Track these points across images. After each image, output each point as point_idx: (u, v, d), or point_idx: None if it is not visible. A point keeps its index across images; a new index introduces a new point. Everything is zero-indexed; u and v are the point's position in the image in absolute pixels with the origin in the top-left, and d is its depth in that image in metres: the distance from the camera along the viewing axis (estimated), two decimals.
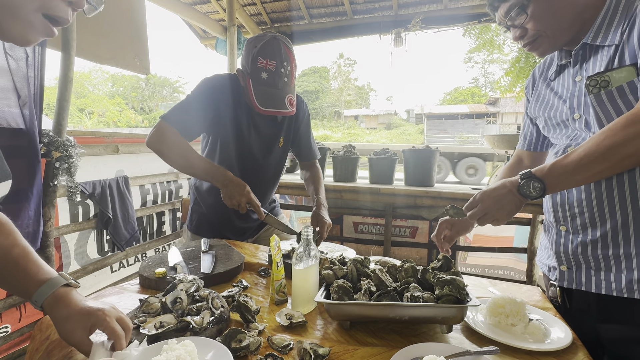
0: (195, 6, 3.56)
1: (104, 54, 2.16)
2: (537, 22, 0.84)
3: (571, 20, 0.83)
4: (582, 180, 0.74)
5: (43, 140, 1.67)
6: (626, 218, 0.76)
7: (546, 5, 0.82)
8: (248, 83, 1.28)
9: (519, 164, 1.19)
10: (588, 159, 0.70)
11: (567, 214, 0.86)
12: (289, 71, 1.28)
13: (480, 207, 0.83)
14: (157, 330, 0.73)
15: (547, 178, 0.75)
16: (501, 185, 0.82)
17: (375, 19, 3.39)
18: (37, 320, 1.27)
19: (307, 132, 1.61)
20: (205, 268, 1.09)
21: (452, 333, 0.83)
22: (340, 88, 37.90)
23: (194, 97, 1.33)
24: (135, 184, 2.39)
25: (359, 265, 0.98)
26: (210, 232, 1.49)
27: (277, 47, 1.25)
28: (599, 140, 0.70)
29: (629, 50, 0.75)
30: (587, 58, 0.84)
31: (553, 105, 0.94)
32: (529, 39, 0.88)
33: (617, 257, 0.77)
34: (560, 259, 0.87)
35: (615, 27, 0.78)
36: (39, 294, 0.63)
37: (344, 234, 3.28)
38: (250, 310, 0.83)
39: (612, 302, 0.79)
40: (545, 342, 0.79)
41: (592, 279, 0.81)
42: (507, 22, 0.89)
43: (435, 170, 2.92)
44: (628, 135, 0.67)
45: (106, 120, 24.70)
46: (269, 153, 1.48)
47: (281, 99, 1.28)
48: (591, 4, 0.82)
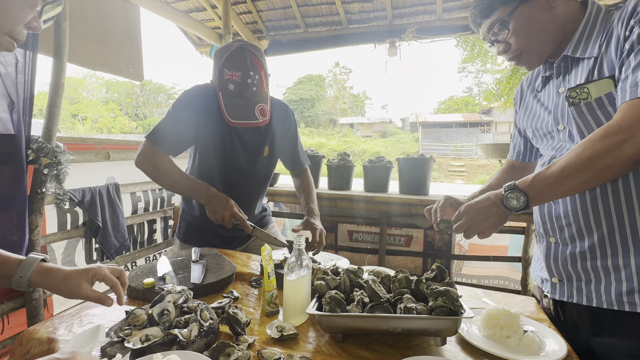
0: (191, 14, 3.57)
1: (97, 60, 2.14)
2: (519, 38, 0.85)
3: (553, 34, 0.84)
4: (565, 191, 0.75)
5: (32, 147, 1.64)
6: (612, 229, 0.76)
7: (526, 21, 0.83)
8: (218, 95, 1.27)
9: (512, 170, 1.21)
10: (569, 170, 0.71)
11: (555, 225, 0.86)
12: (257, 80, 1.26)
13: (465, 220, 0.83)
14: (143, 344, 0.70)
15: (530, 190, 0.76)
16: (485, 198, 0.82)
17: (370, 29, 3.43)
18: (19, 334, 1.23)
19: (294, 140, 1.59)
20: (195, 278, 1.07)
21: (447, 345, 0.81)
22: (335, 96, 38.17)
23: (175, 111, 1.32)
24: (127, 191, 2.35)
25: (352, 275, 0.97)
26: (198, 241, 1.47)
27: (242, 57, 1.23)
28: (578, 152, 0.71)
29: (607, 63, 0.76)
30: (568, 70, 0.85)
31: (540, 116, 0.95)
32: (513, 53, 0.89)
33: (606, 269, 0.77)
34: (552, 271, 0.87)
35: (595, 40, 0.79)
36: (23, 270, 0.70)
37: (338, 242, 3.26)
38: (240, 322, 0.81)
39: (603, 315, 0.79)
40: (540, 355, 0.78)
41: (582, 291, 0.81)
42: (491, 38, 0.90)
43: (430, 178, 2.93)
44: (606, 146, 0.67)
45: (99, 126, 24.52)
46: (253, 163, 1.46)
47: (250, 110, 1.26)
48: (572, 17, 0.83)
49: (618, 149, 0.66)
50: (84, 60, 2.06)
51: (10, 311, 1.64)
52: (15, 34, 0.56)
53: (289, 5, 3.39)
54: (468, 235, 0.84)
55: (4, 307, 1.61)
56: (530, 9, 0.82)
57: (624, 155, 0.66)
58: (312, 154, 3.14)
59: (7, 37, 0.56)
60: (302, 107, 34.52)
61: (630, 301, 0.73)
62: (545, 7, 0.82)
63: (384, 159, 3.08)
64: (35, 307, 1.69)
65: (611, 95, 0.75)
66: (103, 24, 2.19)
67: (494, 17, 0.86)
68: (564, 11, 0.83)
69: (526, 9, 0.83)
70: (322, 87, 38.18)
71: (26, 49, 1.60)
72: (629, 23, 0.71)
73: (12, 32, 0.55)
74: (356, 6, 3.31)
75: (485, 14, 0.88)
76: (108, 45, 2.22)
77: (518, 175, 1.19)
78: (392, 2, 3.19)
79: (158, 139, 1.29)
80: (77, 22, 2.00)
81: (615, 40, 0.74)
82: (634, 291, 0.73)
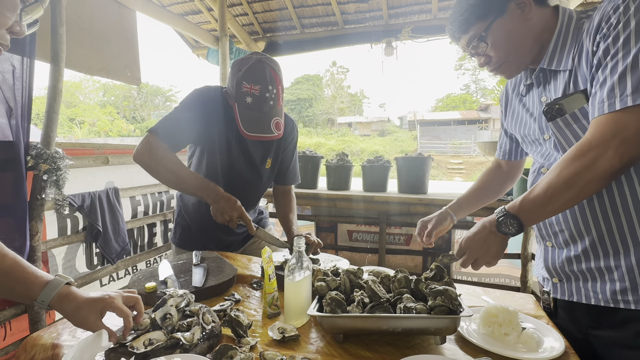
0: (187, 17, 3.58)
1: (94, 65, 2.15)
2: (498, 50, 0.87)
3: (530, 44, 0.86)
4: (554, 210, 0.77)
5: (31, 153, 1.64)
6: (601, 234, 0.78)
7: (504, 33, 0.85)
8: (234, 106, 1.26)
9: (498, 169, 1.24)
10: (553, 190, 0.73)
11: (550, 231, 0.89)
12: (275, 94, 1.25)
13: (469, 255, 0.85)
14: (146, 348, 0.71)
15: (521, 214, 0.78)
16: (481, 227, 0.84)
17: (366, 29, 3.44)
18: (23, 339, 1.24)
19: (292, 154, 1.57)
20: (196, 281, 1.07)
21: (446, 344, 0.82)
22: (333, 96, 38.18)
23: (184, 107, 1.30)
24: (126, 195, 2.36)
25: (352, 276, 0.98)
26: (194, 245, 1.46)
27: (261, 70, 1.22)
28: (557, 172, 0.73)
29: (581, 76, 0.78)
30: (547, 80, 0.87)
31: (526, 123, 0.97)
32: (494, 65, 0.91)
33: (600, 270, 0.79)
34: (551, 272, 0.90)
35: (567, 52, 0.81)
36: (45, 295, 0.71)
37: (338, 242, 3.27)
38: (241, 324, 0.82)
39: (600, 311, 0.81)
40: (539, 351, 0.79)
41: (581, 290, 0.84)
42: (471, 51, 0.91)
43: (428, 177, 2.94)
44: (582, 164, 0.70)
45: (97, 129, 24.47)
46: (255, 173, 1.45)
47: (266, 124, 1.25)
48: (547, 25, 0.85)
49: (593, 166, 0.69)
50: (81, 65, 2.06)
51: (12, 317, 1.64)
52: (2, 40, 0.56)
53: (285, 6, 3.40)
54: (476, 267, 0.86)
55: (6, 314, 1.61)
56: (506, 22, 0.84)
57: (599, 171, 0.69)
58: (310, 155, 3.15)
59: None
60: (299, 107, 34.51)
61: (624, 299, 0.76)
62: (520, 19, 0.84)
63: (382, 158, 3.09)
64: (38, 313, 1.69)
65: (584, 110, 0.78)
66: (100, 29, 2.19)
67: (471, 32, 0.88)
68: (538, 20, 0.85)
69: (502, 23, 0.84)
70: (320, 86, 38.17)
71: (23, 55, 1.60)
72: (595, 38, 0.73)
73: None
74: (352, 6, 3.32)
75: (463, 30, 0.89)
76: (105, 50, 2.22)
77: (504, 174, 1.22)
78: (387, 2, 3.20)
79: (161, 132, 1.24)
80: (73, 27, 2.00)
81: (585, 54, 0.76)
82: (626, 290, 0.75)
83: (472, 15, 0.86)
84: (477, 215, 2.75)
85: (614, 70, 0.69)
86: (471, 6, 0.86)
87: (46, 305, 0.71)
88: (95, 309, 0.72)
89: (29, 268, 0.73)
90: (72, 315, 0.71)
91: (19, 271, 0.71)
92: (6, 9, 0.54)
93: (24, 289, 0.71)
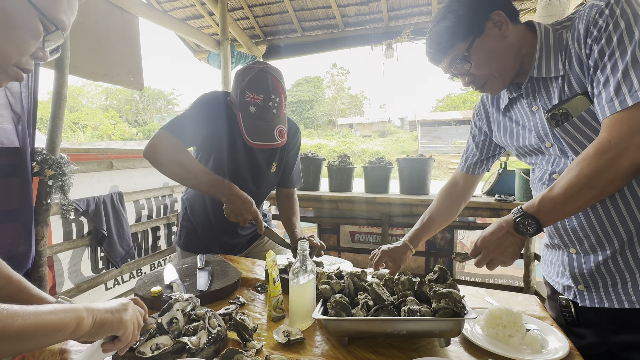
0: (188, 21, 3.60)
1: (98, 71, 2.17)
2: (482, 68, 0.88)
3: (512, 60, 0.88)
4: (574, 210, 0.76)
5: (36, 159, 1.66)
6: (630, 234, 0.77)
7: (485, 52, 0.86)
8: (238, 115, 1.28)
9: (454, 188, 1.24)
10: (573, 190, 0.72)
11: (573, 237, 0.87)
12: (278, 103, 1.27)
13: (484, 255, 0.85)
14: (153, 353, 0.72)
15: (539, 214, 0.77)
16: (498, 228, 0.83)
17: (367, 31, 3.45)
18: None
19: (295, 157, 1.59)
20: (201, 285, 1.08)
21: (451, 346, 0.83)
22: (334, 97, 38.22)
23: (192, 111, 1.33)
24: (130, 200, 2.38)
25: (355, 279, 0.98)
26: (199, 248, 1.47)
27: (264, 80, 1.24)
28: (577, 171, 0.72)
29: (575, 80, 0.79)
30: (537, 89, 0.88)
31: (519, 134, 0.97)
32: (479, 83, 0.92)
33: (631, 270, 0.78)
34: (577, 280, 0.88)
35: (555, 59, 0.83)
36: None
37: (340, 243, 3.27)
38: (247, 328, 0.82)
39: (624, 314, 0.80)
40: (543, 353, 0.79)
41: (611, 294, 0.81)
42: (454, 72, 0.92)
43: (430, 178, 2.94)
44: (603, 162, 0.69)
45: (100, 133, 24.60)
46: (261, 178, 1.46)
47: (270, 132, 1.27)
48: (524, 41, 0.87)
49: (615, 164, 0.68)
50: (84, 71, 2.08)
51: None
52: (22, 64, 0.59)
53: (286, 10, 3.42)
54: (491, 268, 0.86)
55: None
56: (486, 40, 0.86)
57: (622, 169, 0.68)
58: (312, 157, 3.16)
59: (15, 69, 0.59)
60: (300, 109, 34.57)
61: None
62: (499, 36, 0.86)
63: (383, 159, 3.10)
64: None
65: (591, 111, 0.78)
66: (102, 35, 2.22)
67: (452, 53, 0.89)
68: (516, 37, 0.86)
69: (482, 42, 0.86)
70: (321, 88, 38.23)
71: None
72: (586, 42, 0.75)
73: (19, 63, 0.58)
74: (352, 9, 3.34)
75: (444, 52, 0.90)
76: (108, 56, 2.24)
77: (459, 194, 1.23)
78: (387, 4, 3.21)
79: (176, 130, 1.24)
80: (76, 34, 2.03)
81: (577, 58, 0.78)
82: None
83: (452, 37, 0.87)
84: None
85: (614, 69, 0.70)
86: (450, 28, 0.87)
87: None
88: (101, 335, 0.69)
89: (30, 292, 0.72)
90: None
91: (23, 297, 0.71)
92: (30, 37, 0.57)
93: None
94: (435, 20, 0.91)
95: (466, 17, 0.85)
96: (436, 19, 0.90)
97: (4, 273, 0.71)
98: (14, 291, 0.70)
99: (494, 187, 2.82)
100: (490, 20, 0.85)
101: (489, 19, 0.85)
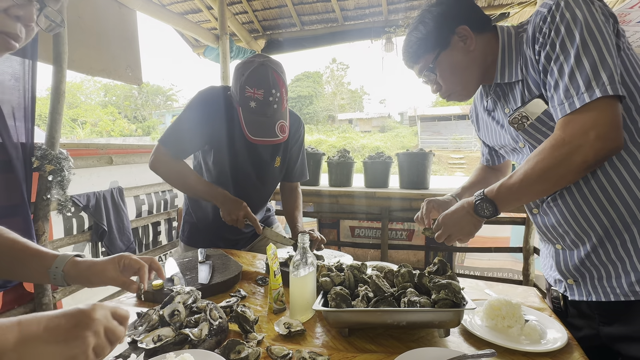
0: (187, 16, 3.58)
1: (96, 66, 2.16)
2: (446, 81, 0.95)
3: (475, 72, 0.93)
4: (528, 199, 0.83)
5: (36, 154, 1.66)
6: (605, 228, 0.79)
7: (449, 66, 0.92)
8: (238, 110, 1.27)
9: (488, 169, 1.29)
10: (528, 181, 0.78)
11: (555, 234, 0.89)
12: (279, 97, 1.25)
13: (444, 230, 0.92)
14: (156, 344, 0.73)
15: (497, 199, 0.83)
16: (460, 207, 0.90)
17: (366, 25, 3.43)
18: None
19: (299, 151, 1.58)
20: (202, 278, 1.09)
21: (450, 337, 0.83)
22: (333, 92, 38.07)
23: (189, 113, 1.33)
24: (130, 195, 2.38)
25: (356, 271, 0.99)
26: (202, 243, 1.47)
27: (264, 74, 1.21)
28: (533, 163, 0.77)
29: (533, 83, 0.83)
30: (505, 93, 0.92)
31: (500, 135, 1.01)
32: (444, 93, 0.98)
33: (613, 262, 0.79)
34: (565, 275, 0.90)
35: (515, 64, 0.87)
36: (59, 262, 0.73)
37: (341, 238, 3.28)
38: (248, 320, 0.83)
39: (614, 306, 0.81)
40: (542, 343, 0.80)
41: (597, 288, 0.83)
42: (423, 79, 0.99)
43: (429, 172, 2.94)
44: (557, 157, 0.73)
45: (99, 129, 24.53)
46: (265, 172, 1.46)
47: (271, 127, 1.26)
48: (489, 49, 0.91)
49: (568, 160, 0.72)
50: (82, 66, 2.08)
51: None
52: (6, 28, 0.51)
53: (285, 4, 3.39)
54: (449, 242, 0.93)
55: (15, 313, 1.64)
56: (450, 54, 0.91)
57: (574, 165, 0.72)
58: (312, 152, 3.15)
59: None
60: (300, 104, 34.45)
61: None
62: (463, 50, 0.90)
63: (383, 154, 3.09)
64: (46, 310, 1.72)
65: (547, 112, 0.81)
66: (100, 30, 2.20)
67: (420, 63, 0.95)
68: (481, 48, 0.90)
69: (447, 55, 0.91)
70: (320, 83, 38.06)
71: (25, 57, 1.62)
72: (534, 48, 0.79)
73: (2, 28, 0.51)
74: (351, 3, 3.32)
75: (413, 60, 0.97)
76: (106, 51, 2.23)
77: (494, 173, 1.28)
78: None
79: (169, 142, 1.32)
80: (74, 28, 2.01)
81: (530, 62, 0.82)
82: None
83: (420, 48, 0.93)
84: None
85: (561, 72, 0.74)
86: (419, 40, 0.93)
87: (60, 271, 0.72)
88: (112, 262, 0.75)
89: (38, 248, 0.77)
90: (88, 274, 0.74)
91: (32, 246, 0.75)
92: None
93: (36, 264, 0.73)
94: (409, 29, 0.96)
95: (434, 30, 0.91)
96: (410, 27, 0.96)
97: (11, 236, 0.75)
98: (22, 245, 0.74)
99: None
100: (455, 34, 0.90)
101: (454, 33, 0.90)
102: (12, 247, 0.74)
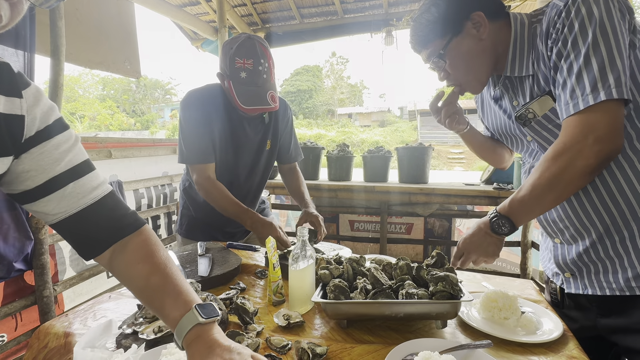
0: (185, 8, 3.54)
1: (94, 59, 2.14)
2: (455, 70, 0.90)
3: (487, 61, 0.88)
4: (542, 209, 0.81)
5: None
6: (606, 225, 0.79)
7: (461, 53, 0.87)
8: (229, 84, 1.30)
9: None
10: (537, 192, 0.76)
11: (555, 228, 0.89)
12: (267, 68, 1.29)
13: (466, 256, 0.91)
14: (156, 335, 0.74)
15: (511, 215, 0.81)
16: (477, 229, 0.88)
17: (366, 18, 3.40)
18: (35, 329, 1.27)
19: (290, 132, 1.63)
20: (202, 271, 1.10)
21: (447, 328, 0.85)
22: (333, 86, 37.88)
23: (189, 121, 1.36)
24: (129, 189, 2.38)
25: (354, 264, 1.00)
26: (200, 236, 1.50)
27: (252, 46, 1.27)
28: (539, 173, 0.75)
29: (543, 78, 0.81)
30: (515, 86, 0.89)
31: (506, 123, 0.98)
32: (454, 82, 0.93)
33: (611, 258, 0.80)
34: (562, 268, 0.90)
35: (527, 58, 0.84)
36: (177, 334, 0.60)
37: (340, 232, 3.30)
38: (247, 312, 0.84)
39: (611, 299, 0.82)
40: (537, 334, 0.81)
41: (594, 282, 0.84)
42: (430, 65, 0.93)
43: (429, 167, 2.95)
44: (560, 166, 0.72)
45: (97, 123, 24.44)
46: (258, 158, 1.50)
47: (263, 96, 1.29)
48: (501, 38, 0.86)
49: (571, 166, 0.71)
50: (80, 59, 2.06)
51: (22, 308, 1.68)
52: None
53: None
54: (476, 264, 0.91)
55: (17, 305, 1.65)
56: (462, 41, 0.86)
57: (577, 171, 0.71)
58: (311, 146, 3.15)
59: None
60: (299, 98, 34.28)
61: (638, 285, 0.76)
62: (475, 38, 0.86)
63: (383, 149, 3.09)
64: (47, 304, 1.73)
65: (554, 110, 0.80)
66: (98, 22, 2.18)
67: (430, 48, 0.90)
68: (492, 37, 0.86)
69: (459, 42, 0.86)
70: (320, 77, 37.83)
71: (24, 50, 1.61)
72: (547, 43, 0.76)
73: None
74: None
75: (422, 45, 0.91)
76: (104, 43, 2.22)
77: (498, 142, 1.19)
78: None
79: (195, 157, 1.36)
80: (72, 21, 1.99)
81: (542, 57, 0.79)
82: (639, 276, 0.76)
83: (431, 32, 0.88)
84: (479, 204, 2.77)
85: (570, 71, 0.72)
86: (431, 23, 0.87)
87: (180, 344, 0.60)
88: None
89: (169, 293, 0.63)
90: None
91: (159, 296, 0.63)
92: None
93: (161, 317, 0.64)
94: (420, 11, 0.91)
95: (447, 14, 0.86)
96: (421, 10, 0.90)
97: (148, 266, 0.65)
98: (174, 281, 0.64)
99: (492, 176, 2.83)
100: (470, 20, 0.85)
101: (468, 19, 0.85)
102: (145, 284, 0.64)
